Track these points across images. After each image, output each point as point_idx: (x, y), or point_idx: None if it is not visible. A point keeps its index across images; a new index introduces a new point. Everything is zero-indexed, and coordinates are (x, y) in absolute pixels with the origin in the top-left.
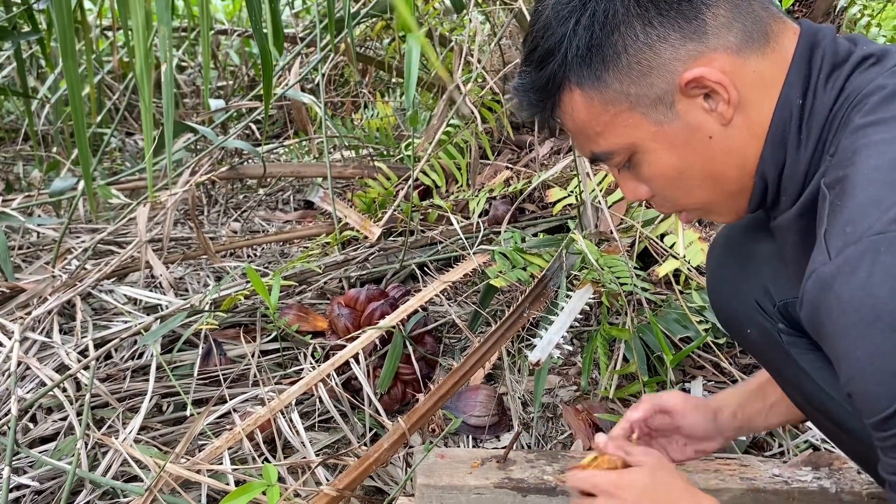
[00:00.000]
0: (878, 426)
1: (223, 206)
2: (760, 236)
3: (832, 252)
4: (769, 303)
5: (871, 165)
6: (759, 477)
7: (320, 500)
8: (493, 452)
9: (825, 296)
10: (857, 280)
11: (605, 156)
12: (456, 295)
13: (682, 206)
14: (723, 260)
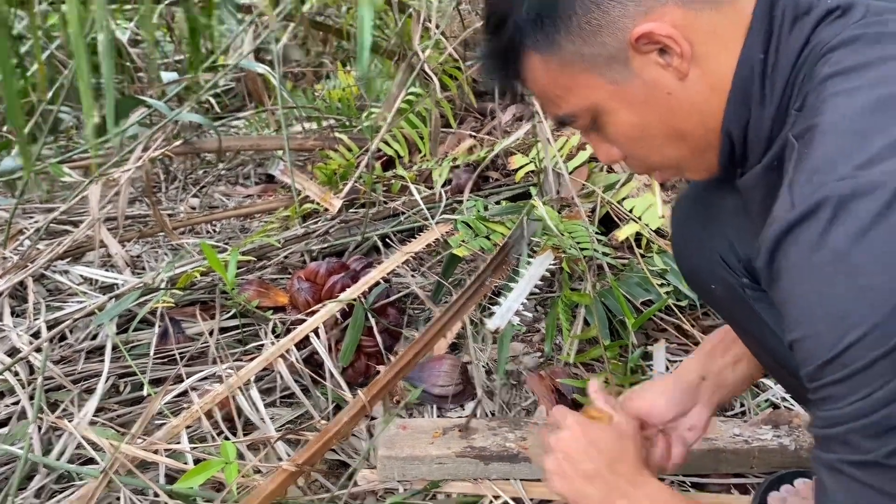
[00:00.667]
0: (814, 374)
1: (182, 182)
2: (726, 192)
3: (796, 200)
4: (734, 258)
5: (840, 114)
6: (719, 437)
7: (279, 475)
8: (455, 421)
9: (784, 242)
10: (818, 226)
11: (569, 119)
12: (420, 266)
13: (653, 164)
14: (688, 215)
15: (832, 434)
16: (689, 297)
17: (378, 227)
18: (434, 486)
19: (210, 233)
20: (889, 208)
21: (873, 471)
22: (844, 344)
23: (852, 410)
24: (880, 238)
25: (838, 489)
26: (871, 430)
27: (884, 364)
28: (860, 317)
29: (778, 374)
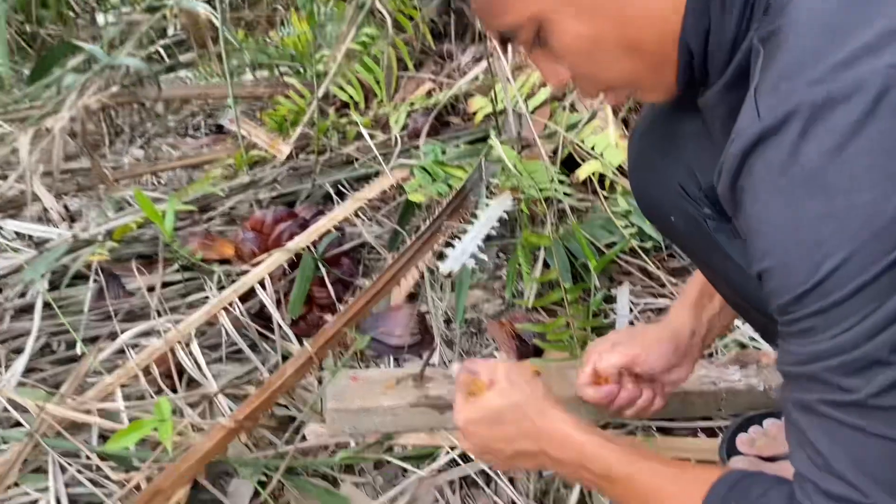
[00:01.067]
0: (788, 307)
1: (129, 135)
2: (686, 115)
3: (762, 111)
4: (694, 186)
5: (808, 11)
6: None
7: (217, 432)
8: (409, 371)
9: (748, 161)
10: (789, 137)
11: (511, 33)
12: (375, 214)
13: (604, 82)
14: (645, 141)
15: (808, 372)
16: (654, 238)
17: (331, 175)
18: (388, 439)
19: (155, 185)
20: (869, 116)
21: (858, 411)
22: (821, 274)
23: (832, 345)
24: (859, 152)
25: (819, 433)
26: (852, 367)
27: (866, 294)
28: (838, 242)
29: (743, 311)
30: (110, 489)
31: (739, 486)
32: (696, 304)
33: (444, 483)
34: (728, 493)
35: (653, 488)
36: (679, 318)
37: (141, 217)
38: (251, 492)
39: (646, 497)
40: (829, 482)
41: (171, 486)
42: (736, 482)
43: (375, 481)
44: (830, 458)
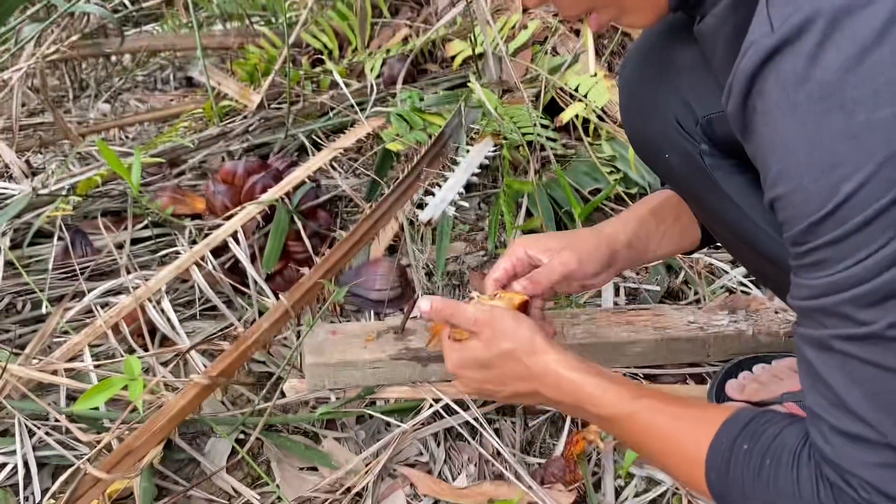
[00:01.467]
0: (802, 236)
1: (95, 89)
2: (681, 44)
3: (776, 20)
4: (691, 120)
5: None
6: (673, 326)
7: (190, 390)
8: (389, 324)
9: (763, 73)
10: (806, 48)
11: None
12: (352, 164)
13: (588, 2)
14: (637, 72)
15: (823, 305)
16: (639, 184)
17: (305, 125)
18: (369, 393)
19: (123, 140)
20: (894, 23)
21: (875, 345)
22: (837, 199)
23: (848, 276)
24: (883, 61)
25: (833, 370)
26: (869, 299)
27: (883, 220)
28: (857, 164)
29: (737, 251)
30: (80, 451)
31: (750, 428)
32: (640, 220)
33: (429, 436)
34: (739, 434)
35: (654, 427)
36: (617, 227)
37: (106, 170)
38: (228, 450)
39: (648, 436)
40: (844, 421)
41: (142, 445)
42: (747, 423)
43: (357, 436)
44: (845, 396)
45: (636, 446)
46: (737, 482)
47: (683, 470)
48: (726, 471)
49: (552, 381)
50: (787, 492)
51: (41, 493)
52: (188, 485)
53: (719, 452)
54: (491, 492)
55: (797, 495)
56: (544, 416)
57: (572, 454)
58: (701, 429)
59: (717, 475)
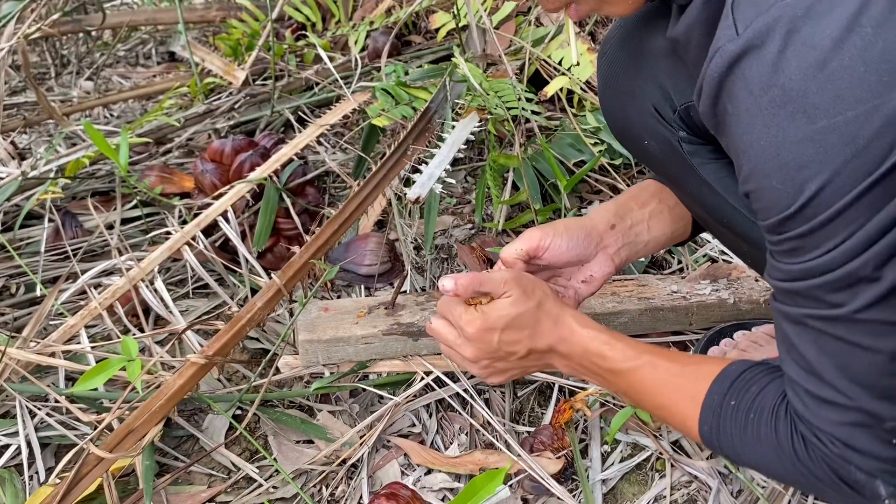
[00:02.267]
0: (775, 227)
1: (76, 66)
2: (659, 30)
3: (740, 24)
4: (668, 108)
5: None
6: (657, 295)
7: (188, 369)
8: (380, 300)
9: (729, 77)
10: (769, 55)
11: None
12: (338, 140)
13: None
14: (616, 61)
15: (797, 288)
16: (624, 155)
17: (290, 101)
18: (362, 367)
19: (107, 118)
20: (851, 30)
21: (844, 325)
22: (804, 197)
23: (818, 264)
24: (843, 68)
25: (807, 343)
26: (838, 284)
27: (849, 214)
28: (820, 165)
29: (717, 232)
30: (81, 430)
31: (738, 383)
32: (622, 203)
33: (421, 407)
34: (728, 390)
35: (654, 382)
36: (597, 211)
37: (93, 152)
38: (226, 426)
39: (649, 390)
40: (817, 386)
41: (143, 424)
42: (734, 380)
43: (351, 409)
44: (817, 366)
45: (636, 400)
46: (726, 434)
47: (679, 422)
48: (717, 425)
49: (566, 333)
50: (768, 442)
51: (45, 472)
52: (188, 461)
53: (710, 408)
54: (482, 460)
55: (776, 445)
56: (532, 386)
57: (560, 422)
58: (696, 385)
59: (709, 428)
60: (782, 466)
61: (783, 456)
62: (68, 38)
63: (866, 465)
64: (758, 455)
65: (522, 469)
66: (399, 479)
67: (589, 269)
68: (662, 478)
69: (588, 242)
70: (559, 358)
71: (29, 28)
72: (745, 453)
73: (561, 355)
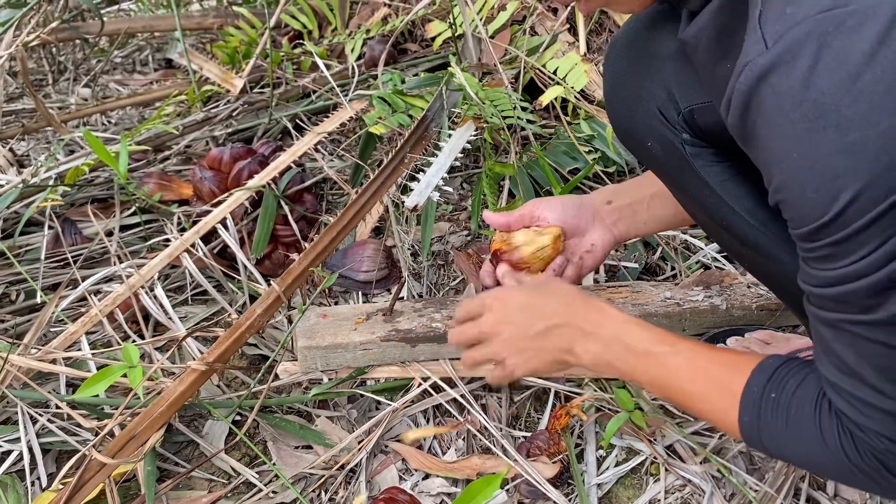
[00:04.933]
0: (808, 236)
1: (73, 73)
2: (667, 32)
3: (769, 39)
4: (673, 110)
5: None
6: (650, 302)
7: (188, 376)
8: (378, 306)
9: (760, 90)
10: (799, 70)
11: None
12: (336, 148)
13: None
14: (622, 63)
15: (831, 294)
16: (618, 162)
17: (288, 109)
18: (360, 373)
19: (105, 125)
20: (883, 43)
21: (880, 328)
22: (837, 207)
23: (852, 271)
24: (875, 81)
25: (845, 346)
26: (873, 289)
27: (883, 222)
28: (854, 175)
29: (717, 235)
30: (82, 436)
31: (776, 377)
32: (619, 186)
33: (419, 413)
34: (768, 383)
35: (693, 369)
36: (596, 191)
37: (93, 159)
38: (226, 432)
39: (686, 377)
40: (858, 388)
41: (144, 430)
42: (773, 371)
43: (350, 415)
44: (857, 368)
45: (669, 387)
46: (767, 427)
47: (718, 413)
48: (757, 417)
49: (597, 314)
50: (813, 437)
51: (46, 478)
52: (189, 466)
53: (751, 400)
54: (479, 465)
55: (822, 441)
56: (529, 392)
57: (556, 427)
58: (734, 377)
59: (749, 419)
60: (828, 461)
61: (830, 452)
62: (65, 45)
63: None
64: (802, 449)
65: (519, 474)
66: (397, 484)
67: (589, 238)
68: (657, 482)
69: (582, 212)
70: (584, 340)
71: (27, 36)
72: (788, 447)
73: (587, 333)
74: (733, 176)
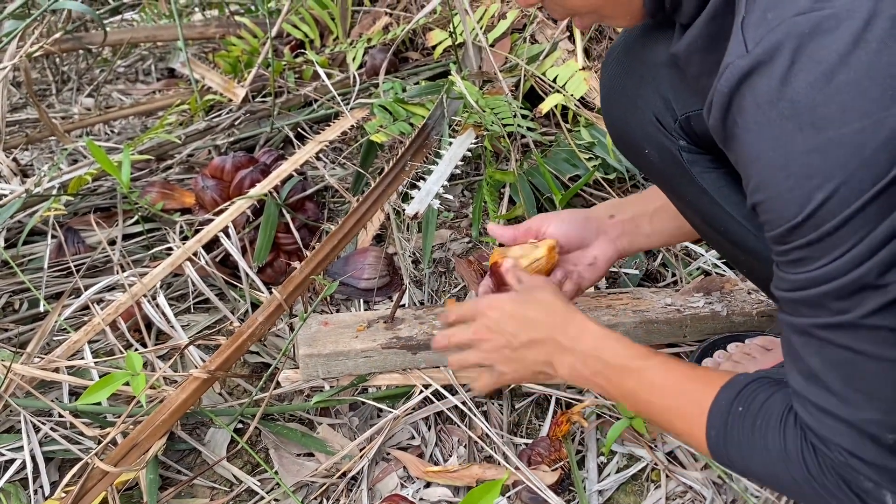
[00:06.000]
0: (782, 237)
1: (76, 82)
2: (662, 41)
3: (750, 42)
4: (669, 117)
5: None
6: (651, 308)
7: (190, 384)
8: (379, 314)
9: (740, 91)
10: (777, 71)
11: None
12: (337, 156)
13: (571, 9)
14: (618, 71)
15: (803, 297)
16: (618, 169)
17: (290, 118)
18: (361, 381)
19: (108, 134)
20: (857, 45)
21: (848, 332)
22: (812, 206)
23: (824, 273)
24: (848, 82)
25: (812, 354)
26: (844, 291)
27: (855, 222)
28: (828, 174)
29: (713, 240)
30: (84, 445)
31: (745, 392)
32: (623, 200)
33: (420, 420)
34: (736, 398)
35: (665, 383)
36: (600, 204)
37: (96, 169)
38: (228, 440)
39: (658, 392)
40: (822, 397)
41: (147, 438)
42: (742, 388)
43: (351, 422)
44: (823, 376)
45: (641, 401)
46: (733, 440)
47: (685, 427)
48: (724, 430)
49: (578, 327)
50: (776, 449)
51: (49, 486)
52: (191, 474)
53: (718, 414)
54: (480, 473)
55: (784, 454)
56: (530, 399)
57: (557, 434)
58: (705, 390)
59: (716, 433)
60: (789, 475)
61: (791, 465)
62: (69, 55)
63: (874, 475)
64: (765, 463)
65: (520, 480)
66: (398, 492)
67: (591, 252)
68: (657, 488)
69: (587, 225)
70: (561, 354)
71: (31, 46)
72: (752, 461)
73: (565, 350)
74: (730, 182)
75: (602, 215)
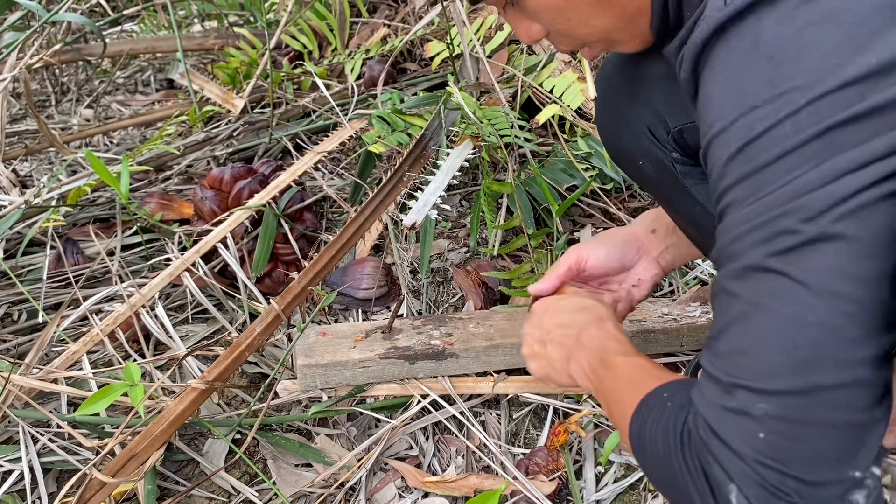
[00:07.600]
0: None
1: (76, 93)
2: (655, 55)
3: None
4: (662, 130)
5: None
6: (648, 318)
7: (188, 394)
8: (377, 324)
9: (712, 41)
10: (749, 20)
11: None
12: (335, 167)
13: (581, 38)
14: (613, 84)
15: (725, 241)
16: (615, 179)
17: (288, 128)
18: (359, 391)
19: (107, 145)
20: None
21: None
22: (752, 135)
23: (748, 212)
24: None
25: (718, 314)
26: (762, 235)
27: (790, 159)
28: (775, 108)
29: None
30: (82, 455)
31: (684, 382)
32: (660, 213)
33: (418, 430)
34: (668, 386)
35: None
36: (638, 219)
37: (94, 180)
38: (226, 450)
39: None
40: (710, 361)
41: (145, 449)
42: (682, 381)
43: (349, 432)
44: (719, 338)
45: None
46: (648, 430)
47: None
48: (646, 419)
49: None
50: (665, 432)
51: (47, 497)
52: (189, 485)
53: (645, 405)
54: (478, 483)
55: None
56: (528, 409)
57: (555, 444)
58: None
59: (637, 426)
60: (662, 461)
61: (669, 448)
62: (68, 66)
63: (725, 460)
64: (654, 448)
65: (518, 490)
66: (397, 502)
67: (636, 273)
68: (655, 498)
69: (627, 248)
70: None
71: (31, 58)
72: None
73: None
74: None
75: (641, 232)
